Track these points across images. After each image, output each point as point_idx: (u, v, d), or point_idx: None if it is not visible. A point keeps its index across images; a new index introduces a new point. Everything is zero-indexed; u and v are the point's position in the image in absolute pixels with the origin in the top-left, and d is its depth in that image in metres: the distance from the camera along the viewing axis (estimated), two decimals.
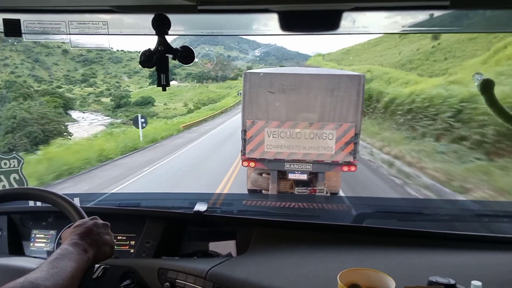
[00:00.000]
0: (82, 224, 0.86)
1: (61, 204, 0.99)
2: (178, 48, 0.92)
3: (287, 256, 1.16)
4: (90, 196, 1.91)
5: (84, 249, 0.78)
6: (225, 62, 62.52)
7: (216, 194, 4.88)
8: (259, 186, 6.16)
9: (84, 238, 0.81)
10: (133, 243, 1.38)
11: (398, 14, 0.96)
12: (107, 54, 70.71)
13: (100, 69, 68.51)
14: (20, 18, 0.97)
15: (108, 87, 58.31)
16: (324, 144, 5.38)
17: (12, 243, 1.49)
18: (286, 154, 5.48)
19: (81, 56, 67.39)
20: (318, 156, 5.43)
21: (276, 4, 0.89)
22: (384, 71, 23.92)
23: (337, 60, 44.52)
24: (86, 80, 62.56)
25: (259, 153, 5.51)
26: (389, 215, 1.58)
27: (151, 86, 54.13)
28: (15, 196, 1.08)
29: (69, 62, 67.45)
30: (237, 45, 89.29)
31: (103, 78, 65.96)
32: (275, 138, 5.44)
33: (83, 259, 0.76)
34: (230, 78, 58.84)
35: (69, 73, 64.46)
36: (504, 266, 1.03)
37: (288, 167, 5.57)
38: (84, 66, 67.41)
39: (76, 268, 0.72)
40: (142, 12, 0.94)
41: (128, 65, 72.98)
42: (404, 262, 1.07)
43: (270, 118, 5.42)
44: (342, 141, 5.34)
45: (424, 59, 26.35)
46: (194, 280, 1.09)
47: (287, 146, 5.44)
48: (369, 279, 0.77)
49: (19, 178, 1.84)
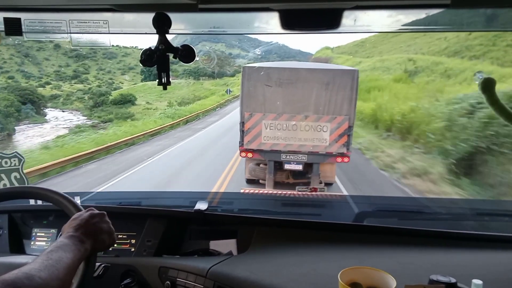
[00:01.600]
0: (77, 217, 0.86)
1: (59, 201, 0.99)
2: (179, 47, 0.92)
3: (287, 254, 1.16)
4: (90, 195, 1.91)
5: (80, 240, 0.79)
6: (223, 58, 59.90)
7: (217, 193, 4.88)
8: (257, 176, 6.42)
9: (80, 229, 0.81)
10: (134, 241, 1.39)
11: (399, 13, 0.96)
12: (102, 49, 66.62)
13: (93, 65, 65.99)
14: (21, 17, 0.97)
15: (100, 84, 55.80)
16: (319, 136, 5.62)
17: (13, 242, 1.49)
18: (283, 146, 5.74)
19: (74, 51, 64.35)
20: (313, 148, 5.68)
21: (276, 3, 0.89)
22: (433, 61, 19.73)
23: (350, 53, 40.05)
24: (78, 76, 59.88)
25: (257, 144, 5.75)
26: (390, 214, 1.58)
27: (142, 82, 52.31)
28: (16, 195, 1.08)
29: (61, 57, 64.52)
30: (238, 43, 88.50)
31: (96, 74, 63.55)
32: (272, 130, 5.67)
33: (80, 250, 0.76)
34: (228, 75, 56.46)
35: (60, 69, 61.65)
36: (505, 264, 1.03)
37: (284, 158, 5.82)
38: (77, 62, 64.89)
39: (72, 259, 0.72)
40: (143, 11, 0.94)
41: (123, 60, 70.07)
42: (405, 261, 1.07)
43: (267, 111, 5.64)
44: (336, 133, 5.59)
45: (490, 44, 19.89)
46: (194, 279, 1.09)
47: (283, 137, 5.69)
48: (370, 277, 0.77)
49: (20, 177, 1.84)
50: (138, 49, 69.38)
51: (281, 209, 1.88)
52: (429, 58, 20.99)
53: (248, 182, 6.71)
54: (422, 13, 0.95)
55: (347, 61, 32.72)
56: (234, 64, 63.51)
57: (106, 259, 1.25)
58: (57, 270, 0.66)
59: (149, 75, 50.63)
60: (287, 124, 5.63)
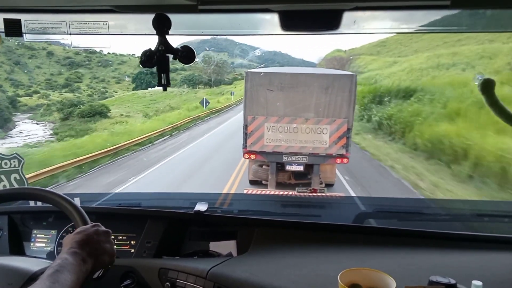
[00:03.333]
0: (83, 231, 0.86)
1: (64, 206, 0.99)
2: (179, 48, 0.92)
3: (287, 256, 1.16)
4: (91, 196, 1.91)
5: (83, 258, 0.79)
6: (220, 65, 56.41)
7: (217, 194, 4.89)
8: (260, 177, 6.65)
9: (84, 247, 0.81)
10: (134, 243, 1.38)
11: (399, 14, 0.96)
12: (97, 57, 65.16)
13: (87, 73, 62.15)
14: (21, 18, 0.97)
15: (91, 93, 52.71)
16: (319, 138, 5.84)
17: (12, 243, 1.49)
18: (284, 147, 5.95)
19: (68, 59, 62.19)
20: (314, 149, 5.91)
21: (276, 4, 0.89)
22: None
23: (370, 53, 36.89)
24: (69, 85, 55.98)
25: (259, 146, 5.97)
26: (390, 215, 1.58)
27: (133, 91, 48.39)
28: (16, 196, 1.08)
29: (54, 65, 61.14)
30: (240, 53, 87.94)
31: (89, 82, 59.85)
32: (274, 132, 5.90)
33: (82, 271, 0.77)
34: (225, 82, 53.94)
35: (52, 77, 58.03)
36: (504, 266, 1.03)
37: (286, 159, 6.05)
38: (70, 70, 61.25)
39: (76, 282, 0.73)
40: (143, 12, 0.94)
41: (118, 69, 66.47)
42: (404, 262, 1.06)
43: (270, 114, 5.87)
44: (335, 136, 5.82)
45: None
46: (194, 280, 1.09)
47: (285, 140, 5.91)
48: (369, 279, 0.77)
49: (19, 178, 1.84)
50: (135, 57, 66.91)
51: (281, 210, 1.87)
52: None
53: (251, 183, 6.91)
54: (422, 14, 0.96)
55: (374, 62, 30.41)
56: (234, 72, 60.15)
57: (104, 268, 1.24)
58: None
59: (140, 83, 48.88)
60: (288, 127, 5.85)
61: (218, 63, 53.49)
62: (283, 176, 6.43)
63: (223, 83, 53.42)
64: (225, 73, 56.94)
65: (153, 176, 9.26)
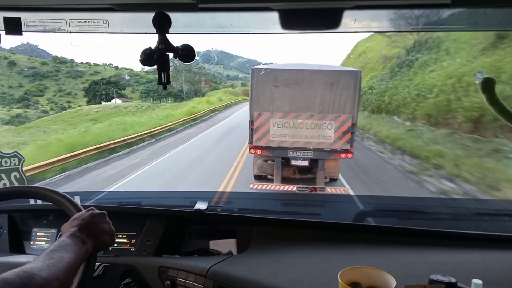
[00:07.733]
0: (78, 216, 0.86)
1: (59, 201, 0.99)
2: (179, 47, 0.92)
3: (287, 254, 1.16)
4: (90, 195, 1.91)
5: (82, 240, 0.79)
6: (195, 69, 44.27)
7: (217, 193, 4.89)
8: (265, 172, 6.72)
9: (82, 229, 0.81)
10: (134, 241, 1.39)
11: (399, 12, 0.96)
12: (67, 67, 56.43)
13: (53, 85, 53.06)
14: (21, 16, 0.97)
15: (52, 107, 45.23)
16: (324, 133, 5.94)
17: (12, 241, 1.49)
18: (290, 143, 6.04)
19: (32, 69, 53.64)
20: (318, 144, 6.00)
21: (276, 2, 0.89)
22: None
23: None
24: (26, 99, 46.77)
25: (265, 141, 6.06)
26: (390, 214, 1.58)
27: (88, 105, 37.04)
28: (16, 194, 1.08)
29: (14, 76, 51.04)
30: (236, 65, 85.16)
31: (52, 96, 51.18)
32: (279, 128, 5.99)
33: (81, 250, 0.76)
34: (203, 93, 42.80)
35: (9, 90, 45.61)
36: (505, 264, 1.03)
37: (291, 154, 6.12)
38: (33, 82, 51.97)
39: (74, 259, 0.72)
40: (143, 10, 0.94)
41: (89, 80, 52.89)
42: (405, 261, 1.07)
43: (275, 110, 5.95)
44: (340, 131, 5.90)
45: None
46: (194, 278, 1.09)
47: (290, 135, 6.01)
48: (370, 277, 0.77)
49: (19, 177, 1.84)
50: (111, 67, 59.47)
51: (281, 209, 1.87)
52: None
53: (256, 178, 6.98)
54: (422, 13, 0.96)
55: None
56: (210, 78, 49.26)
57: (106, 258, 1.25)
58: (58, 270, 0.66)
59: (93, 97, 41.55)
60: (293, 122, 5.95)
61: (193, 68, 43.39)
62: (288, 171, 6.52)
63: (200, 94, 43.11)
64: (199, 83, 45.91)
65: None
